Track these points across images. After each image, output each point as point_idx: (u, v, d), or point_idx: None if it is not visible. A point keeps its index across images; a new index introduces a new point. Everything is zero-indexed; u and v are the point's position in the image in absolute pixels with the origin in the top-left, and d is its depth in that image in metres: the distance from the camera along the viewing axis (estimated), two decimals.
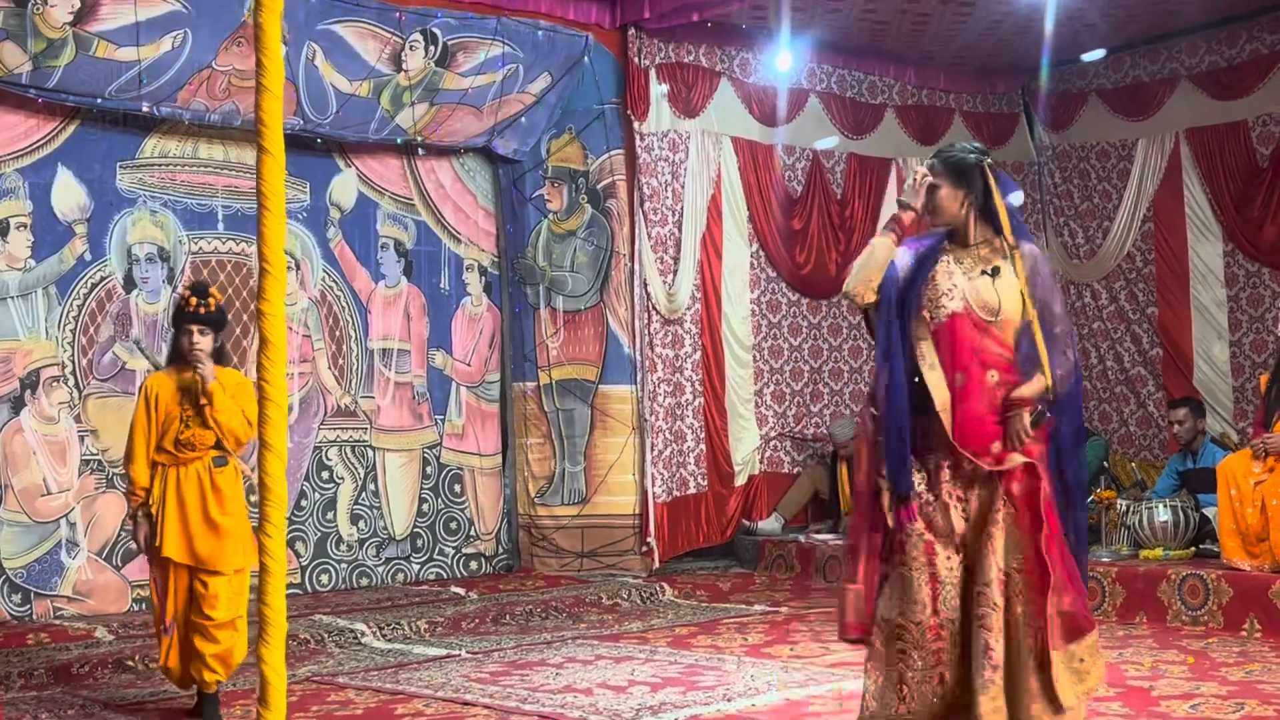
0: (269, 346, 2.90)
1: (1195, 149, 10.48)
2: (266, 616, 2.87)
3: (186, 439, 5.61)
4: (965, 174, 4.18)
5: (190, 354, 5.59)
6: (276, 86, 2.95)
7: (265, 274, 2.92)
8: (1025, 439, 4.06)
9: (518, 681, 6.14)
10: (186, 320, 5.62)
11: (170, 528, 5.56)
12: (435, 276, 9.58)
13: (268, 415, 2.89)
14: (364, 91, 8.60)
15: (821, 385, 10.73)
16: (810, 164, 10.67)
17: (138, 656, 6.74)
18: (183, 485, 5.61)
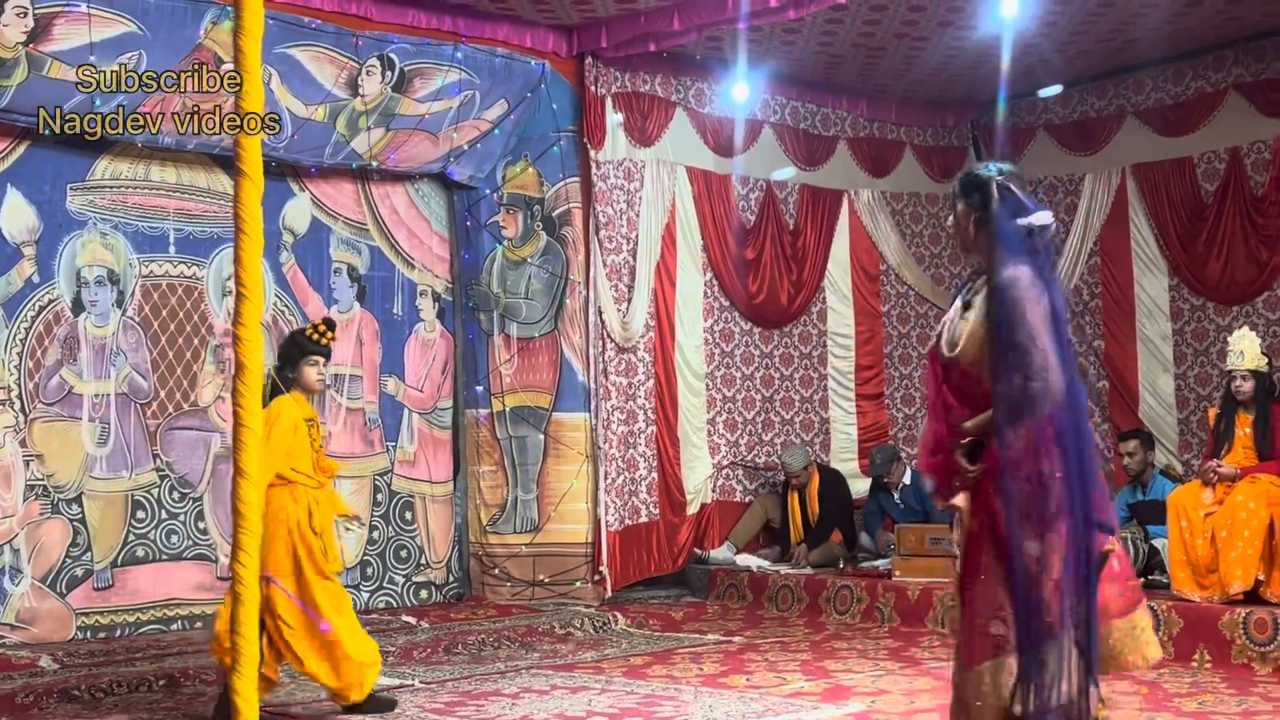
0: (245, 372, 2.86)
1: (1141, 184, 10.63)
2: (239, 646, 2.82)
3: (324, 465, 6.13)
4: (972, 190, 3.91)
5: (316, 384, 6.09)
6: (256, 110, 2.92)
7: (242, 299, 2.88)
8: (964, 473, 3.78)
9: (473, 712, 6.07)
10: (317, 351, 6.06)
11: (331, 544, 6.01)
12: (389, 302, 9.52)
13: (243, 441, 2.85)
14: (320, 116, 8.55)
15: (773, 414, 10.75)
16: (764, 194, 10.72)
17: (84, 686, 6.61)
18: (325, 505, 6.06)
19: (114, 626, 8.10)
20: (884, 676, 6.73)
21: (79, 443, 8.11)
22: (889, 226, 11.34)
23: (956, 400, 3.86)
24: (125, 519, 8.23)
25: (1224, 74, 10.09)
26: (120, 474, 8.24)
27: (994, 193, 3.83)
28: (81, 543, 8.06)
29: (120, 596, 8.16)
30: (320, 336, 6.03)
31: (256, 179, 2.89)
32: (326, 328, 6.07)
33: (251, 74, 2.89)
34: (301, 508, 5.92)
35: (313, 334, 6.03)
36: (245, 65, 2.88)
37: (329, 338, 6.05)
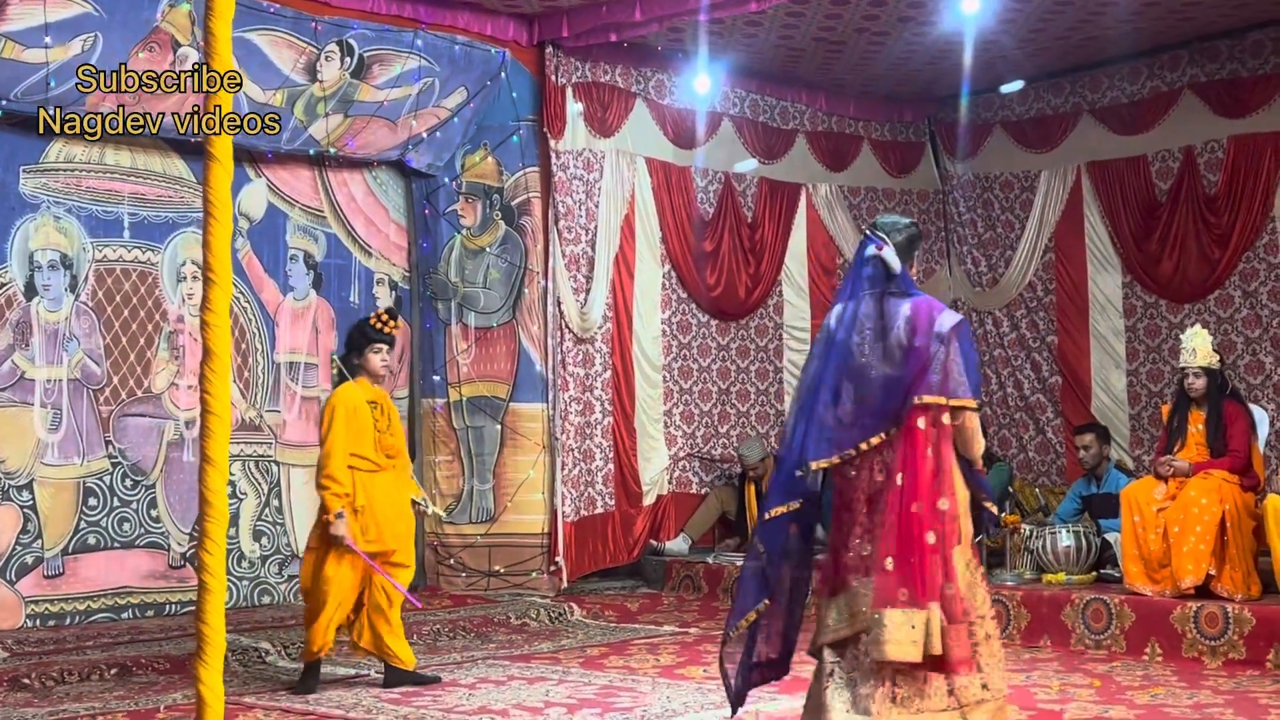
0: (213, 358, 2.83)
1: (1096, 182, 10.72)
2: (205, 635, 2.79)
3: (387, 447, 6.40)
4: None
5: (380, 370, 6.43)
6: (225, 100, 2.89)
7: (210, 284, 2.85)
8: None
9: (430, 702, 6.05)
10: (380, 339, 6.41)
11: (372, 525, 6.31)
12: (345, 290, 9.45)
13: (210, 429, 2.82)
14: (278, 101, 8.47)
15: (729, 406, 10.78)
16: (722, 186, 10.74)
17: (34, 674, 6.53)
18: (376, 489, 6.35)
19: (64, 615, 8.01)
20: None
21: (30, 428, 8.01)
22: (846, 220, 11.38)
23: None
24: (77, 506, 8.14)
25: (1179, 73, 10.19)
26: (72, 460, 8.15)
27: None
28: (32, 530, 7.96)
29: (71, 584, 8.07)
30: (384, 325, 6.41)
31: (226, 163, 2.87)
32: (389, 316, 6.46)
33: (221, 57, 2.86)
34: (358, 489, 6.29)
35: (377, 323, 6.41)
36: (215, 48, 2.85)
37: (391, 326, 6.44)
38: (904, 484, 4.29)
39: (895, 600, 4.22)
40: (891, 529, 4.26)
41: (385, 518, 6.35)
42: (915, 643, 4.19)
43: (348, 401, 6.31)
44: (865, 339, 4.42)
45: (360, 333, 6.47)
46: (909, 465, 4.30)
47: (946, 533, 4.29)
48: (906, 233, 4.56)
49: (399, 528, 6.43)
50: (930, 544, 4.25)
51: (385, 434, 6.40)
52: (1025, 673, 6.57)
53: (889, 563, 4.24)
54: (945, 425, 4.36)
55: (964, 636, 4.26)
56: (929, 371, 4.34)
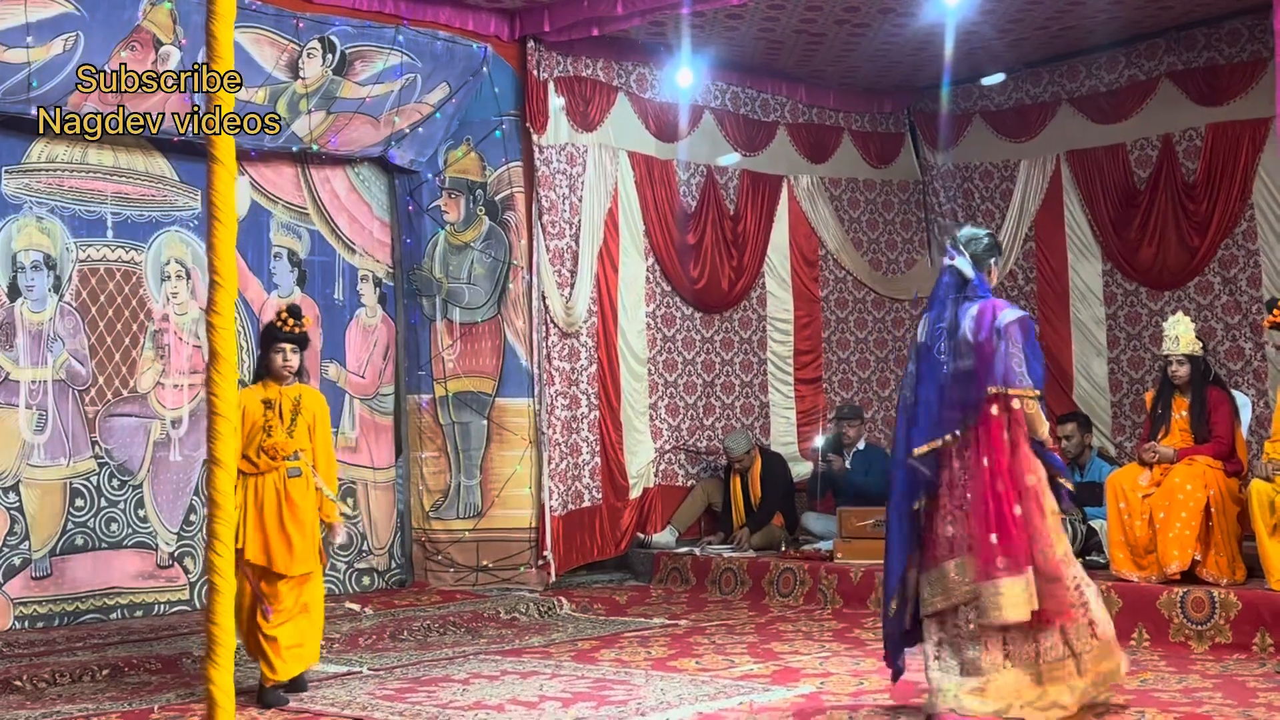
0: (219, 360, 2.84)
1: (1076, 171, 10.78)
2: (215, 636, 2.80)
3: (268, 447, 6.13)
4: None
5: (281, 370, 6.21)
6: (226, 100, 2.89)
7: (216, 286, 2.86)
8: None
9: (425, 698, 6.06)
10: (282, 339, 6.22)
11: (251, 533, 6.05)
12: (329, 287, 9.45)
13: (218, 430, 2.83)
14: (260, 98, 8.46)
15: (714, 399, 10.81)
16: (705, 179, 10.76)
17: (26, 676, 6.52)
18: (262, 493, 6.11)
19: (53, 616, 7.99)
20: (831, 658, 6.80)
21: (16, 430, 7.99)
22: (828, 212, 11.42)
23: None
24: (64, 507, 8.12)
25: (1157, 62, 10.25)
26: (58, 461, 8.13)
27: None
28: (19, 531, 7.94)
29: (59, 585, 8.06)
30: (282, 324, 6.23)
31: (229, 165, 2.87)
32: (290, 315, 6.26)
33: (223, 59, 2.87)
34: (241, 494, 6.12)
35: (278, 322, 6.26)
36: (218, 50, 2.86)
37: (293, 324, 6.23)
38: (989, 466, 4.95)
39: (997, 571, 4.89)
40: (981, 508, 4.93)
41: (270, 525, 6.07)
42: (1026, 602, 4.88)
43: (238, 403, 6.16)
44: (942, 340, 5.10)
45: (265, 332, 6.37)
46: (990, 449, 4.96)
47: (1031, 506, 4.95)
48: (984, 243, 5.30)
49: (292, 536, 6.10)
50: (1017, 516, 4.92)
51: (280, 433, 6.14)
52: None
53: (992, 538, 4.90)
54: (1015, 410, 4.99)
55: (1062, 591, 4.95)
56: (993, 364, 4.97)
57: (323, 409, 6.42)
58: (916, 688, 5.57)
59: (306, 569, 6.17)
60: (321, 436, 6.35)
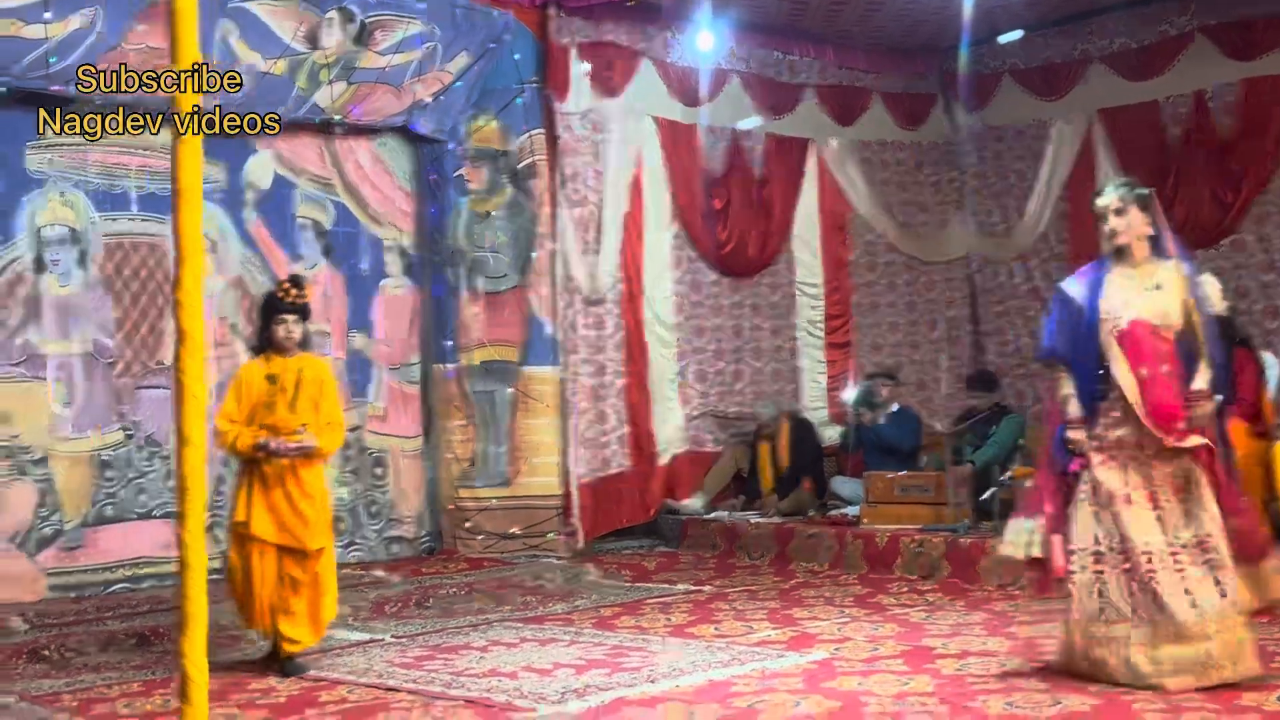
0: (187, 339, 2.83)
1: (1108, 129, 10.63)
2: (188, 612, 2.81)
3: (270, 423, 6.03)
4: (1147, 204, 5.18)
5: (284, 342, 6.09)
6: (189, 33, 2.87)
7: (182, 261, 2.85)
8: (1208, 421, 5.08)
9: (441, 666, 6.09)
10: (284, 310, 6.11)
11: (258, 510, 6.00)
12: (354, 258, 9.47)
13: (186, 409, 2.83)
14: (280, 70, 8.46)
15: (743, 364, 10.77)
16: (731, 144, 10.68)
17: (53, 646, 6.61)
18: (267, 470, 6.02)
19: (84, 586, 8.08)
20: (849, 624, 6.77)
21: (44, 403, 8.07)
22: (857, 175, 11.31)
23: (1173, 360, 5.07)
24: (93, 479, 8.20)
25: (1189, 17, 10.07)
26: (86, 434, 8.21)
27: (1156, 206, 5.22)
28: (50, 504, 8.03)
29: (90, 556, 8.14)
30: (285, 295, 6.13)
31: (194, 139, 2.85)
32: (293, 285, 6.17)
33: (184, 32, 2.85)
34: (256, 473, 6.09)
35: (279, 293, 6.17)
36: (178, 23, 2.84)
37: (295, 295, 6.13)
38: None
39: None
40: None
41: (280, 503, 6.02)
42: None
43: (243, 377, 6.15)
44: None
45: (266, 303, 6.26)
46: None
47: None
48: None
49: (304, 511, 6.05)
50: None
51: (283, 409, 6.04)
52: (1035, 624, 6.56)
53: None
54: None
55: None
56: None
57: (328, 377, 6.32)
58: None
59: (321, 543, 6.12)
60: (329, 405, 6.21)
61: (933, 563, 8.20)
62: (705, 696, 5.28)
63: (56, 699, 5.72)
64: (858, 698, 5.13)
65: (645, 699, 5.29)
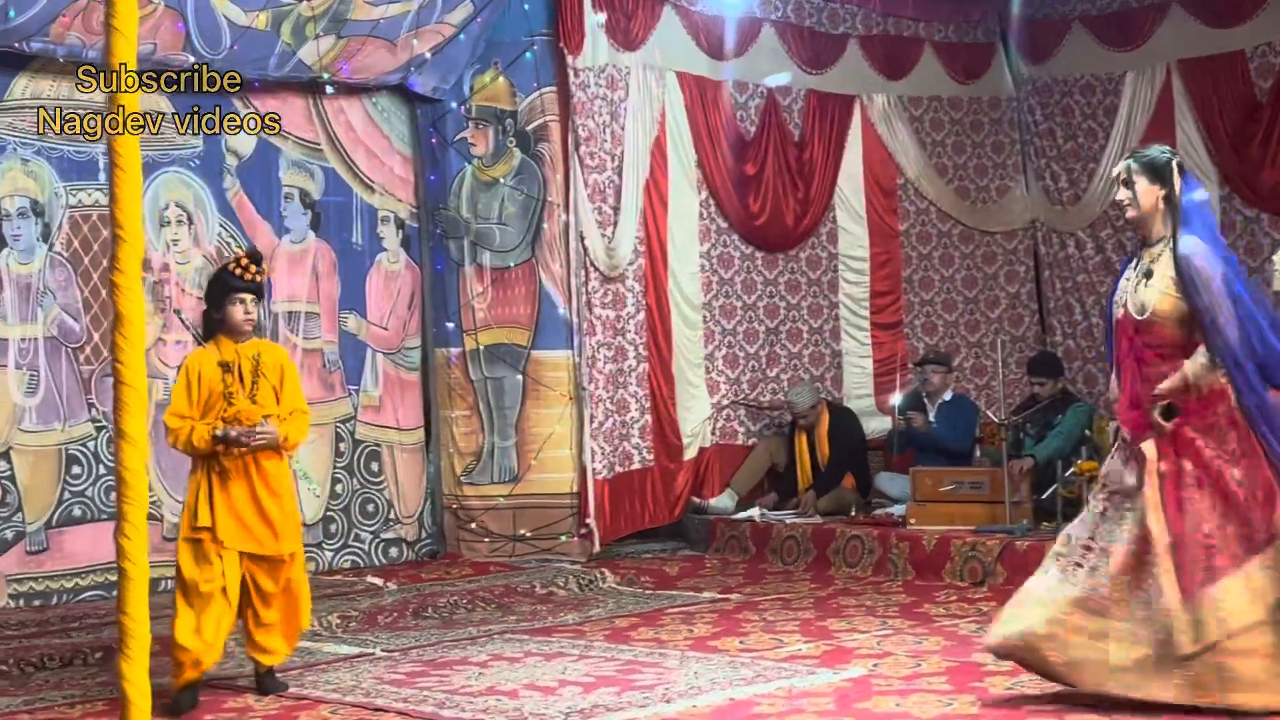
0: (125, 323, 2.85)
1: (1188, 82, 10.54)
2: (126, 628, 2.83)
3: (231, 417, 5.91)
4: (1158, 173, 5.11)
5: (242, 325, 5.97)
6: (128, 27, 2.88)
7: (119, 241, 2.87)
8: (1159, 428, 5.03)
9: (436, 683, 6.12)
10: (242, 289, 5.95)
11: (221, 513, 5.88)
12: (346, 230, 9.49)
13: (124, 402, 2.84)
14: (261, 23, 8.48)
15: (778, 347, 10.74)
16: (765, 102, 10.64)
17: (12, 660, 6.67)
18: (227, 465, 5.92)
19: (50, 593, 8.16)
20: (890, 636, 6.76)
21: (5, 392, 8.14)
22: (907, 135, 11.26)
23: (1154, 356, 5.08)
24: (59, 475, 8.27)
25: None
26: (52, 426, 8.27)
27: (1176, 173, 5.08)
28: (11, 502, 8.11)
29: (56, 560, 8.22)
30: (244, 271, 5.97)
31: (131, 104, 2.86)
32: (251, 261, 6.02)
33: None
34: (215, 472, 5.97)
35: (237, 269, 5.99)
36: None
37: (254, 272, 5.98)
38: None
39: None
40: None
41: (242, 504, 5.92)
42: None
43: (192, 368, 5.98)
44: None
45: (219, 282, 6.04)
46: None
47: None
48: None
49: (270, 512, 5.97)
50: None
51: (243, 400, 5.94)
52: None
53: None
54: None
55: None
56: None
57: (288, 362, 6.23)
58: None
59: (291, 548, 6.06)
60: (290, 394, 6.11)
61: (986, 568, 8.17)
62: (724, 718, 5.28)
63: (12, 718, 5.77)
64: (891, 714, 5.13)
65: None
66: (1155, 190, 5.09)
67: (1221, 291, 4.95)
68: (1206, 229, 5.11)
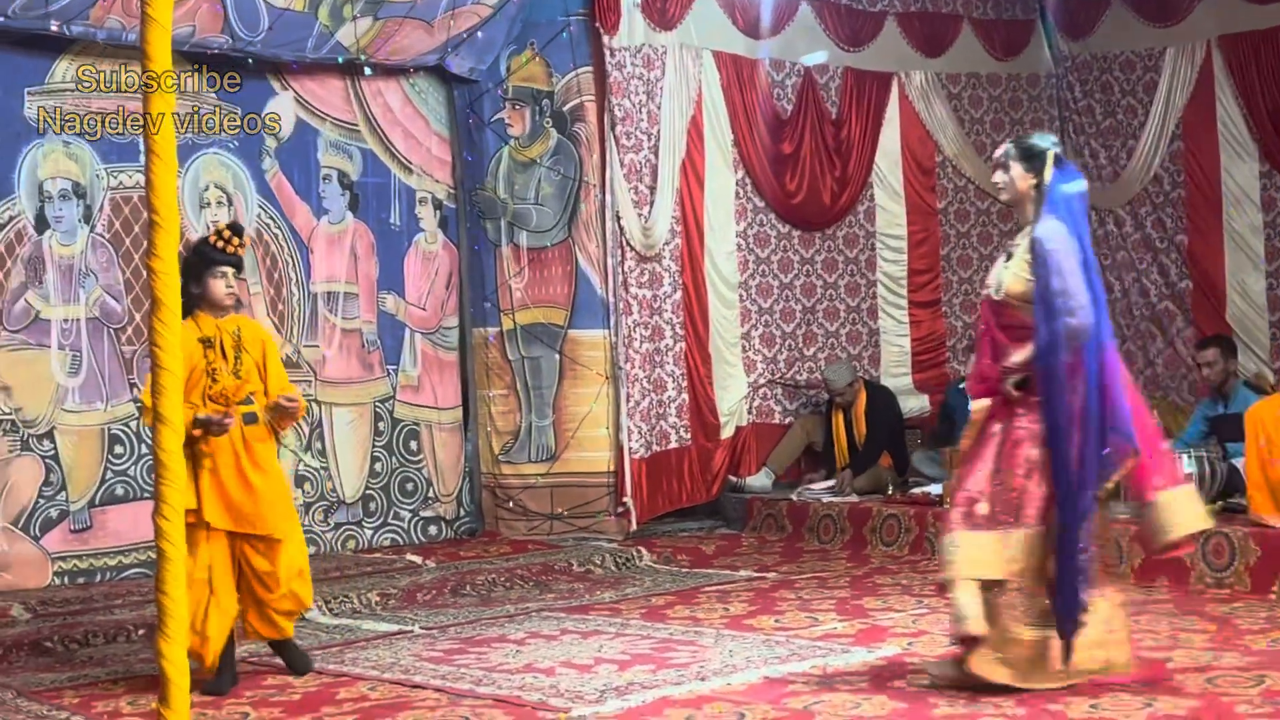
0: (162, 309, 2.89)
1: (1229, 58, 10.43)
2: (166, 607, 2.88)
3: (217, 393, 5.75)
4: (1033, 159, 5.22)
5: (223, 300, 5.81)
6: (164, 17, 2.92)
7: (155, 227, 2.91)
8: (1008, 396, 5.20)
9: (473, 660, 6.17)
10: (224, 261, 5.79)
11: (207, 492, 5.73)
12: (384, 211, 9.55)
13: (162, 385, 2.89)
14: (299, 5, 8.54)
15: (815, 326, 10.74)
16: (801, 80, 10.63)
17: (57, 637, 6.76)
18: (215, 446, 5.75)
19: (94, 571, 8.27)
20: (926, 615, 6.77)
21: (48, 373, 8.24)
22: (945, 113, 11.22)
23: (1006, 337, 5.21)
24: (102, 455, 8.37)
25: None
26: (95, 405, 8.37)
27: (1050, 162, 5.18)
28: (55, 481, 8.21)
29: (100, 538, 8.32)
30: (225, 244, 5.80)
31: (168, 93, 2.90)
32: (233, 233, 5.83)
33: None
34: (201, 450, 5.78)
35: (218, 241, 5.81)
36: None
37: (236, 244, 5.82)
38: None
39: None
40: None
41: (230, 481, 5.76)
42: None
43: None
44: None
45: (198, 255, 5.79)
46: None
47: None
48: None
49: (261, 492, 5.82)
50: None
51: (227, 376, 5.78)
52: (1134, 617, 6.51)
53: None
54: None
55: None
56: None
57: (269, 338, 6.06)
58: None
59: (284, 527, 5.88)
60: (274, 372, 5.94)
61: None
62: (757, 696, 5.31)
63: (58, 695, 5.87)
64: (927, 699, 5.14)
65: (692, 698, 5.33)
66: (1029, 177, 5.21)
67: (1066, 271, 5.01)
68: (1072, 219, 5.14)
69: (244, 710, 5.50)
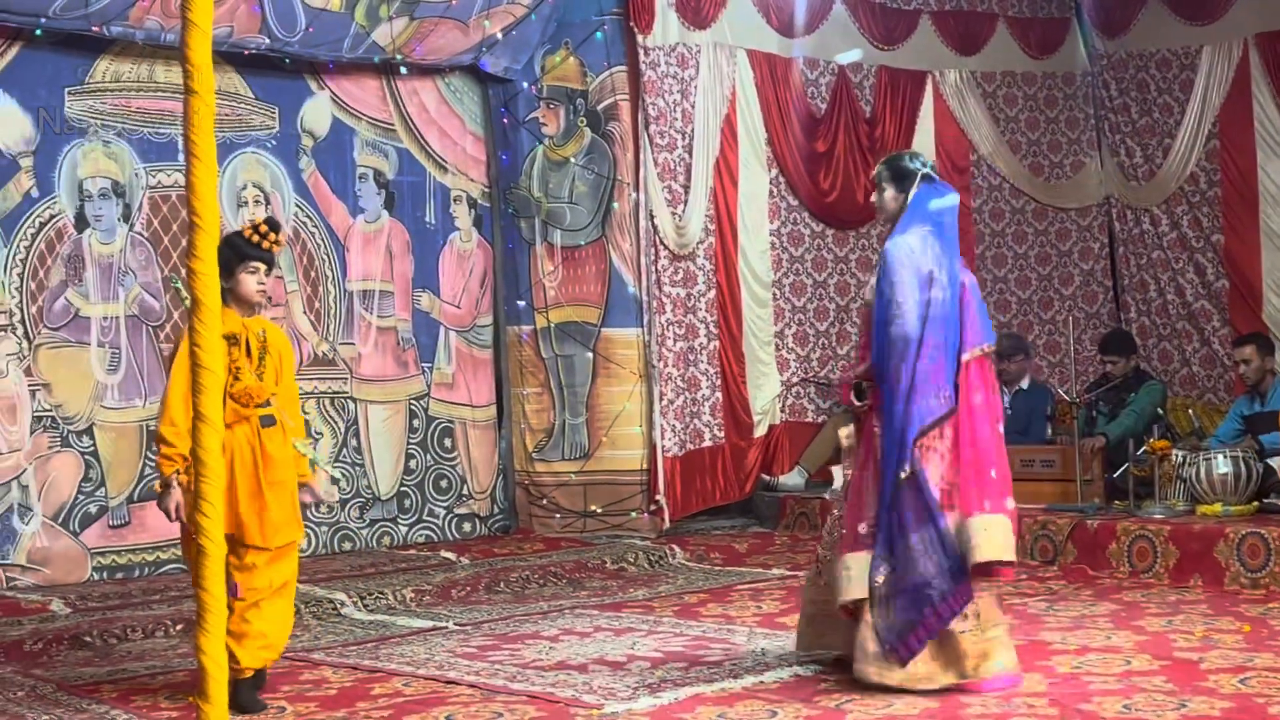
0: (201, 309, 2.93)
1: (1266, 56, 10.40)
2: (204, 602, 2.92)
3: (239, 392, 5.45)
4: (902, 179, 5.41)
5: (254, 296, 5.55)
6: (205, 21, 2.96)
7: (196, 229, 2.95)
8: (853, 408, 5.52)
9: (507, 657, 6.21)
10: (257, 257, 5.51)
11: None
12: (420, 210, 9.60)
13: (202, 384, 2.93)
14: (336, 5, 8.59)
15: (848, 325, 10.74)
16: (835, 79, 10.63)
17: (96, 632, 6.83)
18: (230, 449, 5.41)
19: (132, 566, 8.35)
20: None
21: (88, 370, 8.32)
22: (980, 111, 11.20)
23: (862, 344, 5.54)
24: (140, 451, 8.44)
25: None
26: (133, 402, 8.45)
27: (917, 182, 5.39)
28: (94, 477, 8.29)
29: (138, 534, 8.40)
30: (262, 239, 5.52)
31: (208, 97, 2.94)
32: (270, 229, 5.55)
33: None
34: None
35: (254, 235, 5.53)
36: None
37: (272, 240, 5.53)
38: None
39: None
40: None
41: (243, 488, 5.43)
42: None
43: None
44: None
45: (231, 249, 5.42)
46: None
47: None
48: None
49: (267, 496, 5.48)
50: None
51: (250, 376, 5.50)
52: (1168, 617, 6.52)
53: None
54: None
55: None
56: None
57: (288, 348, 5.78)
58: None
59: (287, 539, 5.56)
60: (287, 382, 5.68)
61: (1057, 546, 8.15)
62: (790, 694, 5.32)
63: (96, 689, 5.92)
64: (958, 698, 5.14)
65: (724, 696, 5.35)
66: (899, 197, 5.41)
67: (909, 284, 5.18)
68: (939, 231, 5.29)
69: (280, 704, 5.55)
